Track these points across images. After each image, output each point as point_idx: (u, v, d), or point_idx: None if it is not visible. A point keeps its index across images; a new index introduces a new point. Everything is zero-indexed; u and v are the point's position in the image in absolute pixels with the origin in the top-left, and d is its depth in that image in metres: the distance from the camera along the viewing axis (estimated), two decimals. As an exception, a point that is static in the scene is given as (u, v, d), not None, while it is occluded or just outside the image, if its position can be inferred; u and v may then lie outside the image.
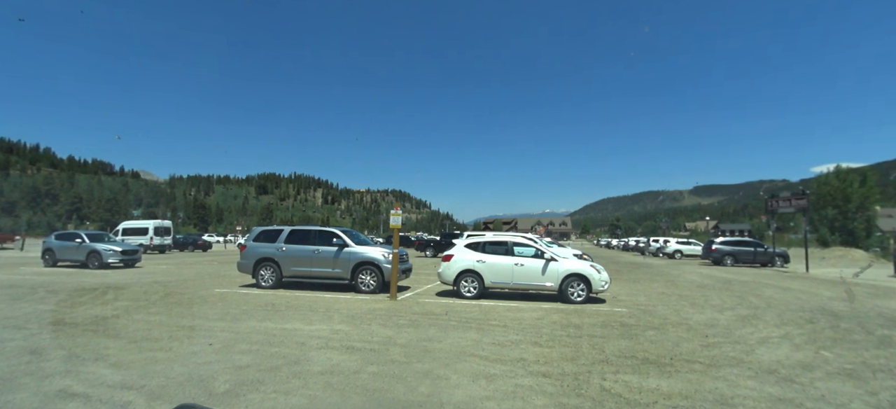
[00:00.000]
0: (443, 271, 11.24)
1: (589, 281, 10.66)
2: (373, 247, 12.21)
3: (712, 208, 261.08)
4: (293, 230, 12.78)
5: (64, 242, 18.80)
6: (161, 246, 32.87)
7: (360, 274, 11.71)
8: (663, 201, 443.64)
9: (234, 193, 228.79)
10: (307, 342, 6.48)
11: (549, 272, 10.77)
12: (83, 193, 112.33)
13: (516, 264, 10.90)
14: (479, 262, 11.04)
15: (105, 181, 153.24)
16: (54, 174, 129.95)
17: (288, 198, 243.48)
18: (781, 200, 27.71)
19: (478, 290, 10.96)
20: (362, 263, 11.75)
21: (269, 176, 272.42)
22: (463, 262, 11.10)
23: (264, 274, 12.37)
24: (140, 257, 19.76)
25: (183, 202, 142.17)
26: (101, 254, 17.81)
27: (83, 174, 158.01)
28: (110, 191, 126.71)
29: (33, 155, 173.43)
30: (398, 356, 5.80)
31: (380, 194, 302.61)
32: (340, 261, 11.87)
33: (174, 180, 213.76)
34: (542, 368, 5.39)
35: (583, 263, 11.16)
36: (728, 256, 27.96)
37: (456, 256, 11.22)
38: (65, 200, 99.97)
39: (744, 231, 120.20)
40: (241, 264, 12.78)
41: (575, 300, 10.60)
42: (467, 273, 11.04)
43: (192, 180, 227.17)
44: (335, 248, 12.01)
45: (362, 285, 11.65)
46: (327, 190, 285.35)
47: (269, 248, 12.50)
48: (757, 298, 12.62)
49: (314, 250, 12.13)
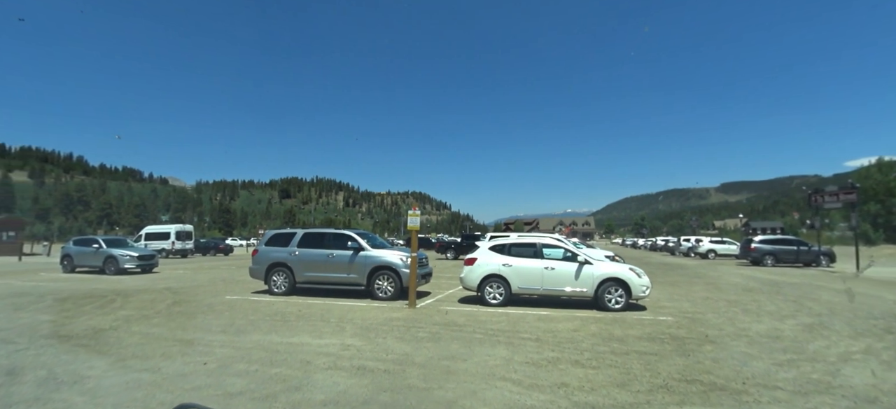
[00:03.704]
0: (465, 276, 10.35)
1: (628, 286, 9.62)
2: (390, 250, 11.40)
3: (740, 206, 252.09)
4: (306, 233, 12.08)
5: (82, 247, 18.66)
6: (183, 250, 32.91)
7: (376, 279, 10.92)
8: (689, 199, 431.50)
9: (259, 197, 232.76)
10: (313, 360, 5.69)
11: (583, 277, 9.76)
12: (113, 199, 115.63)
13: (546, 268, 9.92)
14: (506, 266, 10.10)
15: (134, 188, 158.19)
16: (86, 181, 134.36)
17: (310, 201, 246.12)
18: (827, 194, 25.76)
19: (504, 296, 10.03)
20: (379, 267, 10.95)
21: (292, 180, 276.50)
22: (487, 266, 10.18)
23: (277, 280, 11.71)
24: (157, 262, 19.49)
25: (209, 207, 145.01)
26: (117, 259, 17.57)
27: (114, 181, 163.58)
28: (139, 197, 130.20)
29: (67, 163, 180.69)
30: (416, 379, 4.94)
31: (400, 196, 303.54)
32: (356, 266, 11.10)
33: (201, 186, 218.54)
34: (589, 397, 4.45)
35: (620, 266, 10.11)
36: (768, 255, 26.21)
37: (480, 259, 10.31)
38: (96, 207, 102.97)
39: (776, 229, 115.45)
40: (253, 269, 12.16)
41: (613, 308, 9.57)
42: (492, 278, 10.12)
43: (217, 186, 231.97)
44: (350, 252, 11.24)
45: (379, 292, 10.86)
46: (348, 193, 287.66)
47: (281, 252, 11.83)
48: (815, 303, 11.33)
49: (328, 255, 11.40)
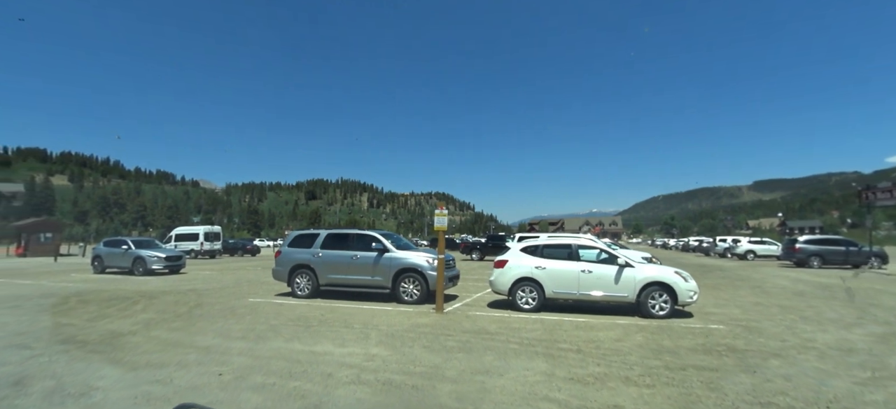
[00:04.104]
0: (496, 280, 9.77)
1: (674, 291, 8.85)
2: (416, 252, 10.92)
3: (775, 204, 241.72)
4: (330, 234, 11.72)
5: (111, 248, 18.91)
6: (211, 251, 33.35)
7: (401, 282, 10.45)
8: (720, 198, 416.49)
9: (285, 198, 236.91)
10: (336, 372, 5.24)
11: (623, 280, 9.05)
12: (148, 201, 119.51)
13: (583, 271, 9.24)
14: (539, 268, 9.47)
15: (168, 190, 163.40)
16: (122, 185, 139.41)
17: (335, 203, 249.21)
18: (880, 191, 24.08)
19: (537, 301, 9.40)
20: (404, 270, 10.48)
21: (318, 182, 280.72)
22: (519, 268, 9.58)
23: (300, 282, 11.40)
24: (184, 263, 19.60)
25: (238, 208, 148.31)
26: (145, 260, 17.70)
27: (148, 184, 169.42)
28: (172, 199, 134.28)
29: (105, 168, 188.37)
30: (448, 398, 4.41)
31: (424, 197, 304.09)
32: (380, 268, 10.67)
33: (230, 188, 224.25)
34: (650, 424, 3.84)
35: (664, 269, 9.34)
36: (815, 256, 24.58)
37: (511, 261, 9.71)
38: (131, 209, 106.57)
39: (815, 228, 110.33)
40: (276, 271, 11.88)
41: (657, 314, 8.82)
42: (525, 281, 9.50)
43: (246, 188, 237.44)
44: (375, 253, 10.80)
45: (405, 295, 10.39)
46: (373, 194, 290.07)
47: (304, 254, 11.50)
48: (879, 309, 10.31)
49: (352, 256, 11.00)
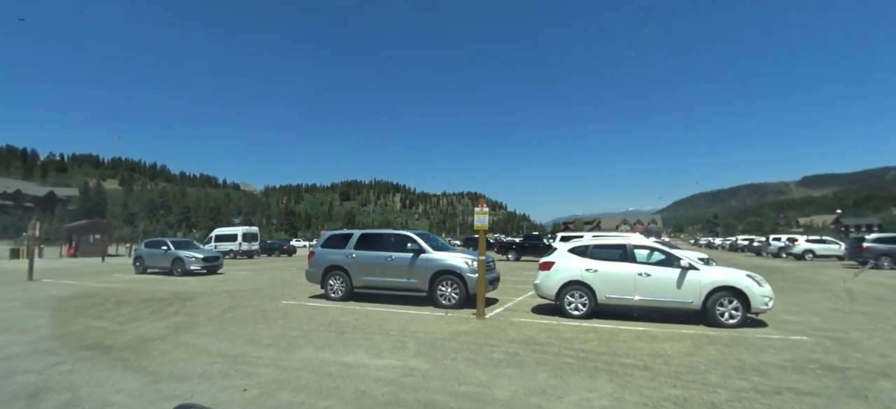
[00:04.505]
0: (541, 283, 8.98)
1: (746, 297, 7.83)
2: (454, 253, 10.27)
3: (826, 201, 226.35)
4: (364, 234, 11.24)
5: (152, 249, 19.22)
6: (249, 251, 33.89)
7: (439, 285, 9.82)
8: (766, 195, 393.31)
9: (321, 199, 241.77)
10: (371, 389, 4.64)
11: (687, 285, 8.08)
12: (192, 203, 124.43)
13: (640, 274, 8.33)
14: (590, 271, 8.62)
15: (210, 193, 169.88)
16: (168, 188, 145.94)
17: (369, 203, 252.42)
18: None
19: (588, 307, 8.55)
20: (442, 272, 9.85)
21: (352, 183, 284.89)
22: (568, 271, 8.76)
23: (333, 284, 10.97)
24: (221, 264, 19.72)
25: (276, 210, 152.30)
26: (184, 261, 17.86)
27: (192, 187, 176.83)
28: (214, 201, 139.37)
29: (152, 172, 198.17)
30: (502, 427, 3.73)
31: (455, 197, 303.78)
32: (416, 269, 10.08)
33: (269, 190, 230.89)
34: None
35: (735, 271, 8.30)
36: (885, 256, 22.42)
37: (558, 263, 8.90)
38: (176, 211, 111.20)
39: (873, 226, 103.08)
40: (309, 272, 11.51)
41: (726, 323, 7.82)
42: (574, 285, 8.67)
43: (284, 190, 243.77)
44: (410, 254, 10.23)
45: (442, 299, 9.76)
46: (405, 194, 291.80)
47: (338, 255, 11.06)
48: None
49: (387, 257, 10.47)
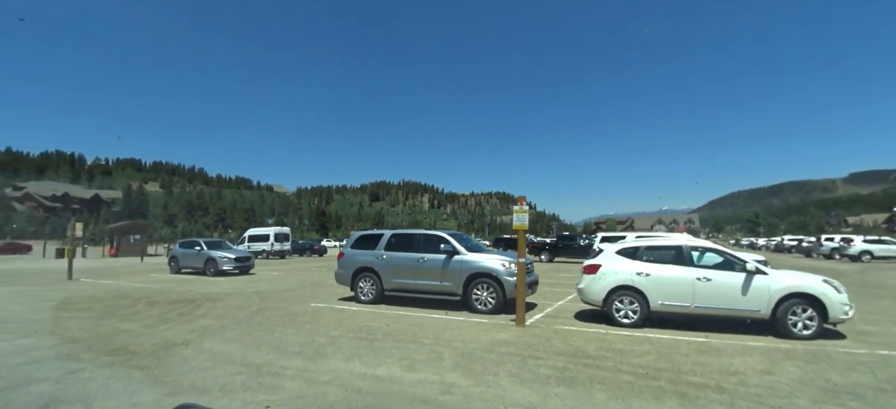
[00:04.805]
0: (587, 287, 8.25)
1: (822, 305, 6.90)
2: (489, 254, 9.64)
3: (875, 199, 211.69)
4: (395, 235, 10.76)
5: (186, 249, 19.43)
6: (281, 251, 34.20)
7: (474, 289, 9.22)
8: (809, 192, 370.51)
9: (350, 200, 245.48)
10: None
11: (753, 291, 7.20)
12: (228, 205, 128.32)
13: (699, 279, 7.49)
14: (641, 275, 7.83)
15: (245, 195, 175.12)
16: (206, 190, 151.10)
17: (397, 204, 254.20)
18: None
19: (639, 314, 7.76)
20: (477, 274, 9.24)
21: (381, 184, 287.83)
22: (616, 274, 7.99)
23: (363, 287, 10.54)
24: (253, 264, 19.74)
25: (307, 210, 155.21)
26: (216, 261, 17.93)
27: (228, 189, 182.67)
28: (249, 202, 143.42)
29: (191, 174, 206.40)
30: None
31: (484, 197, 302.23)
32: (450, 272, 9.51)
33: (300, 191, 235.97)
34: None
35: (809, 276, 7.35)
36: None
37: (605, 266, 8.14)
38: (213, 212, 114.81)
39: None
40: (338, 274, 11.13)
41: (800, 335, 6.91)
42: (623, 290, 7.90)
43: (315, 191, 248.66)
44: (443, 256, 9.67)
45: (478, 303, 9.15)
46: (433, 195, 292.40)
47: (368, 256, 10.63)
48: None
49: (419, 259, 9.95)
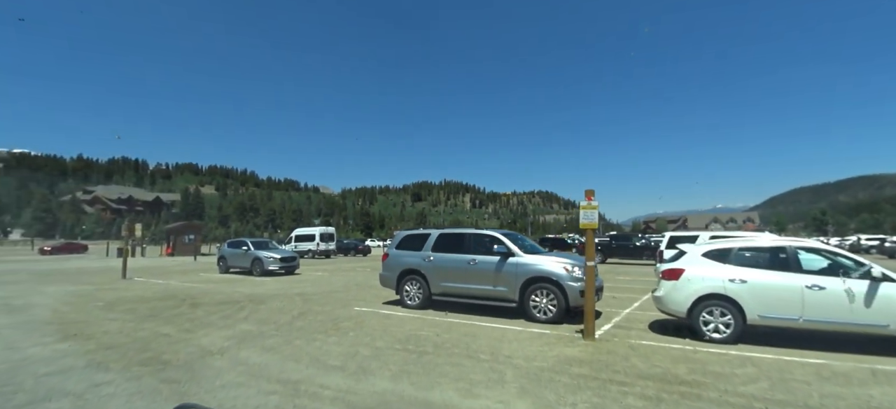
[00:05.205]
0: (666, 295, 7.12)
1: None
2: (548, 256, 8.66)
3: None
4: (443, 235, 9.99)
5: (233, 249, 19.59)
6: (326, 251, 34.47)
7: (532, 295, 8.28)
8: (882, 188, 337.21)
9: (393, 200, 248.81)
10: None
11: (882, 302, 5.86)
12: (277, 206, 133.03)
13: (809, 287, 6.21)
14: (734, 281, 6.63)
15: (293, 196, 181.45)
16: (256, 192, 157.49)
17: (439, 204, 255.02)
18: None
19: (733, 328, 6.56)
20: (535, 279, 8.29)
21: (422, 184, 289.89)
22: (703, 281, 6.82)
23: (409, 290, 9.86)
24: (298, 264, 19.63)
25: (352, 211, 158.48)
26: (262, 261, 17.90)
27: (277, 191, 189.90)
28: (297, 204, 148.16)
29: (243, 177, 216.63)
30: None
31: (526, 196, 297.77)
32: (504, 276, 8.62)
33: (345, 193, 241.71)
34: None
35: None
36: None
37: (690, 271, 6.98)
38: (263, 213, 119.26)
39: None
40: (383, 276, 10.51)
41: (952, 359, 5.53)
42: (713, 300, 6.72)
43: (359, 192, 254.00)
44: (496, 258, 8.78)
45: (536, 311, 8.21)
46: (475, 194, 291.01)
47: (414, 258, 9.93)
48: None
49: (470, 261, 9.12)
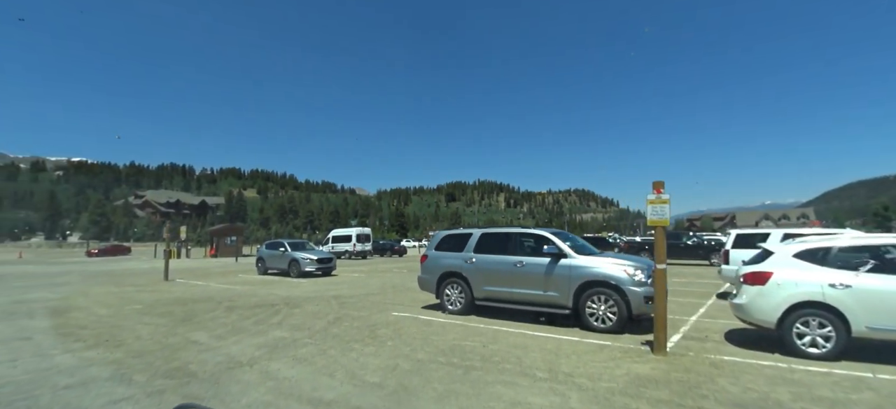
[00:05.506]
0: (751, 303, 6.14)
1: None
2: (604, 258, 7.80)
3: None
4: (485, 234, 9.30)
5: (271, 251, 19.61)
6: (362, 252, 34.45)
7: (588, 301, 7.46)
8: None
9: (428, 201, 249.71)
10: None
11: None
12: (315, 208, 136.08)
13: (937, 294, 5.15)
14: (836, 287, 5.58)
15: (331, 198, 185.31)
16: (296, 195, 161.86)
17: (473, 204, 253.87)
18: None
19: (835, 342, 5.51)
20: (592, 283, 7.45)
21: (456, 184, 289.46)
22: (797, 286, 5.81)
23: (450, 294, 9.23)
24: (335, 265, 19.42)
25: (387, 212, 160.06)
26: (299, 263, 17.79)
27: (315, 193, 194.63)
28: (334, 205, 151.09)
29: (283, 181, 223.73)
30: None
31: (562, 195, 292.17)
32: (556, 279, 7.82)
33: (381, 194, 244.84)
34: None
35: None
36: None
37: (779, 274, 5.98)
38: (302, 214, 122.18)
39: None
40: (422, 279, 9.92)
41: None
42: (809, 308, 5.69)
43: (394, 193, 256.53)
44: (546, 259, 7.99)
45: (593, 319, 7.37)
46: (509, 194, 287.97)
47: (455, 259, 9.29)
48: None
49: (516, 263, 8.38)
